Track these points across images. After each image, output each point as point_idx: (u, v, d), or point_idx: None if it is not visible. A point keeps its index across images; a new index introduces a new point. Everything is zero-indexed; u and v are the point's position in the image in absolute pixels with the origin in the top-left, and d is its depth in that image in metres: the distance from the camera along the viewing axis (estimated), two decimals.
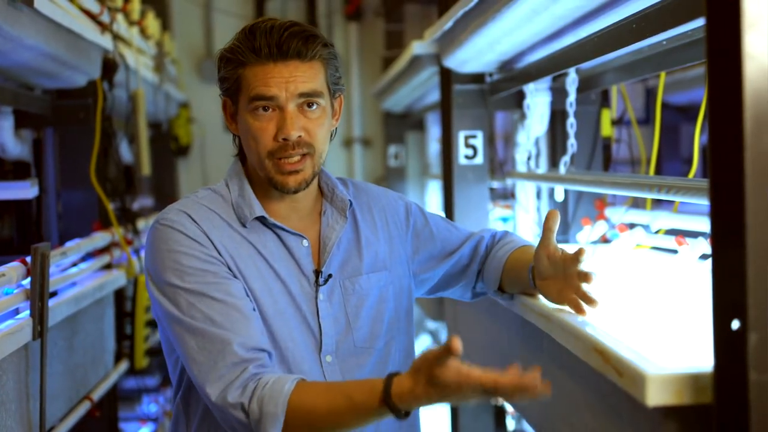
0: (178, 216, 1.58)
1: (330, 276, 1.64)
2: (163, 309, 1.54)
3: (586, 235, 2.61)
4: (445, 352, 1.33)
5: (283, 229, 1.63)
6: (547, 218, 1.62)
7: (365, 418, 1.43)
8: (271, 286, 1.59)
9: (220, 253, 1.56)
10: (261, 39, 1.55)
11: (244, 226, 1.62)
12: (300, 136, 1.56)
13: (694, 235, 2.12)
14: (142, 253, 2.30)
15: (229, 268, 1.56)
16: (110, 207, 3.02)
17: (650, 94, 3.71)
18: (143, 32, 4.06)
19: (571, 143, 2.64)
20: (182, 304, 1.51)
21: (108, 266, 2.96)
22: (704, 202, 1.70)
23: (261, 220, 1.63)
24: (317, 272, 1.64)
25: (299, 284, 1.62)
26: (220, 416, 1.48)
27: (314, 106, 1.59)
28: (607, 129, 3.00)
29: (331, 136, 1.68)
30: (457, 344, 1.32)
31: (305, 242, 1.64)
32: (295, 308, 1.60)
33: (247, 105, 1.57)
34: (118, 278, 2.94)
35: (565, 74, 2.59)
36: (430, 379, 1.34)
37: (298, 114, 1.57)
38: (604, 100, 3.00)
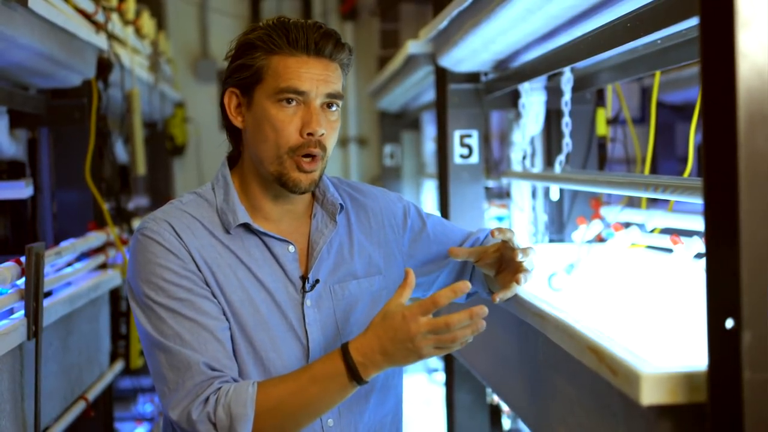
0: (158, 226, 1.56)
1: (317, 281, 1.62)
2: (138, 321, 1.54)
3: (581, 234, 2.62)
4: (400, 289, 1.46)
5: (268, 235, 1.61)
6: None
7: (331, 390, 1.46)
8: (252, 296, 1.57)
9: (198, 266, 1.55)
10: (297, 32, 1.55)
11: (228, 232, 1.60)
12: (323, 134, 1.56)
13: (689, 234, 2.12)
14: None
15: (207, 282, 1.55)
16: (105, 207, 3.02)
17: (645, 93, 3.72)
18: (138, 32, 4.05)
19: (567, 142, 2.64)
20: (153, 318, 1.51)
21: (103, 266, 2.96)
22: (699, 201, 1.70)
23: (245, 226, 1.61)
24: (304, 278, 1.62)
25: (285, 291, 1.60)
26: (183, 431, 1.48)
27: (334, 107, 1.59)
28: (602, 128, 3.01)
29: None
30: (412, 276, 1.46)
31: (291, 248, 1.62)
32: (280, 316, 1.59)
33: (273, 95, 1.55)
34: (113, 278, 2.94)
35: (560, 73, 2.59)
36: (381, 319, 1.43)
37: (321, 112, 1.56)
38: (600, 99, 3.00)
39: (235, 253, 1.59)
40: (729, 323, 1.07)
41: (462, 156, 2.93)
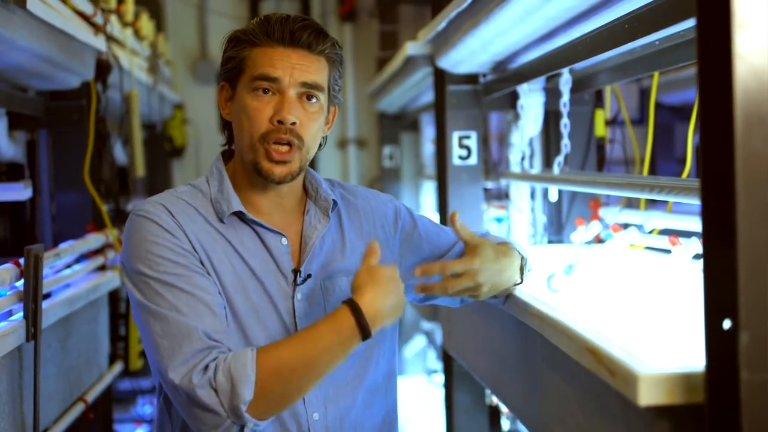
0: (154, 207, 1.57)
1: (309, 276, 1.63)
2: (132, 297, 1.54)
3: (579, 235, 2.62)
4: (372, 250, 1.54)
5: (262, 226, 1.62)
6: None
7: (336, 348, 1.48)
8: (245, 284, 1.58)
9: (194, 247, 1.55)
10: (275, 24, 1.58)
11: (221, 221, 1.61)
12: (294, 123, 1.56)
13: (687, 235, 2.13)
14: None
15: (202, 263, 1.55)
16: (104, 208, 3.02)
17: (644, 95, 3.72)
18: (137, 33, 4.06)
19: (565, 143, 2.65)
20: (149, 292, 1.50)
21: (102, 268, 2.96)
22: (697, 202, 1.70)
23: (239, 215, 1.62)
24: (296, 271, 1.63)
25: (276, 282, 1.61)
26: (183, 401, 1.45)
27: (313, 100, 1.60)
28: (600, 129, 3.01)
29: (321, 144, 1.68)
30: (376, 246, 1.54)
31: (284, 240, 1.63)
32: (271, 307, 1.59)
33: (249, 83, 1.58)
34: (112, 280, 2.94)
35: (559, 75, 2.59)
36: (374, 277, 1.51)
37: (296, 102, 1.57)
38: (598, 101, 3.00)
39: (229, 240, 1.60)
40: (726, 324, 1.07)
41: (461, 157, 2.93)
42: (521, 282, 1.72)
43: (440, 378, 4.42)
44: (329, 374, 1.60)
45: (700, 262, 1.17)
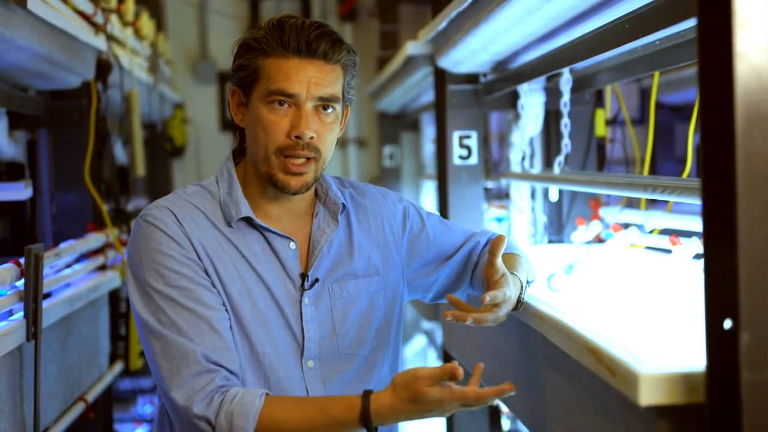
0: (161, 213, 1.57)
1: (317, 280, 1.63)
2: (133, 306, 1.54)
3: (580, 235, 2.62)
4: (443, 376, 1.39)
5: (270, 231, 1.62)
6: (493, 243, 1.55)
7: (336, 427, 1.46)
8: (251, 289, 1.58)
9: (199, 256, 1.55)
10: (290, 33, 1.55)
11: (229, 225, 1.60)
12: (312, 137, 1.55)
13: (688, 234, 2.12)
14: None
15: (207, 272, 1.55)
16: (104, 208, 3.02)
17: (645, 94, 3.72)
18: (137, 33, 4.05)
19: (566, 143, 2.64)
20: (152, 305, 1.51)
21: (102, 267, 2.95)
22: (697, 202, 1.70)
23: (247, 220, 1.61)
24: (304, 276, 1.63)
25: (284, 287, 1.61)
26: (181, 421, 1.48)
27: (329, 110, 1.58)
28: (601, 129, 3.01)
29: None
30: (460, 371, 1.39)
31: (292, 245, 1.63)
32: (277, 312, 1.59)
33: (264, 96, 1.55)
34: (112, 279, 2.94)
35: (559, 74, 2.59)
36: (414, 397, 1.40)
37: (313, 114, 1.56)
38: (599, 100, 3.00)
39: (236, 246, 1.59)
40: (727, 324, 1.07)
41: (461, 157, 2.93)
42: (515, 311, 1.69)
43: None
44: (333, 375, 1.61)
45: (701, 262, 1.17)
